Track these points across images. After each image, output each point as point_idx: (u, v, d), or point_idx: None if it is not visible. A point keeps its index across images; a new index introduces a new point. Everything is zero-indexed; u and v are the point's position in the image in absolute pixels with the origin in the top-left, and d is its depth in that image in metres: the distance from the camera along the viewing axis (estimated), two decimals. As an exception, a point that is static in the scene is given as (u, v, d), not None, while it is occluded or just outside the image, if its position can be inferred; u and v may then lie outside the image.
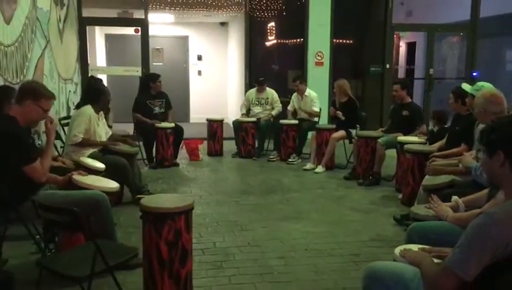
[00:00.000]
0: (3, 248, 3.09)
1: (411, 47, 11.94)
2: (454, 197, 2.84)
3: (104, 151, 4.76)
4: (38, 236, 3.28)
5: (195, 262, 3.19)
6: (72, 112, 6.10)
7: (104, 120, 5.00)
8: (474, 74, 9.24)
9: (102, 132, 4.86)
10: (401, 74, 11.97)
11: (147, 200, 2.94)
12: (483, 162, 1.86)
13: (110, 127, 6.49)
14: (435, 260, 1.94)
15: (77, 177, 3.35)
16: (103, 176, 3.90)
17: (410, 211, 3.05)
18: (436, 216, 2.70)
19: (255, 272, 3.40)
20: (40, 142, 4.03)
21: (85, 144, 4.56)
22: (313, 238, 4.07)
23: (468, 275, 1.65)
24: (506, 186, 1.79)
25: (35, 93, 3.14)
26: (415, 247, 2.23)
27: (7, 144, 2.92)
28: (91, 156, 4.47)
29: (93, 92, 4.85)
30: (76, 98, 7.67)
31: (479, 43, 9.28)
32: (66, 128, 5.78)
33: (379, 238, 4.06)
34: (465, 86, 4.19)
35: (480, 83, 3.92)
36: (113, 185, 3.53)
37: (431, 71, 9.30)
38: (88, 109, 4.66)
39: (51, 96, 3.26)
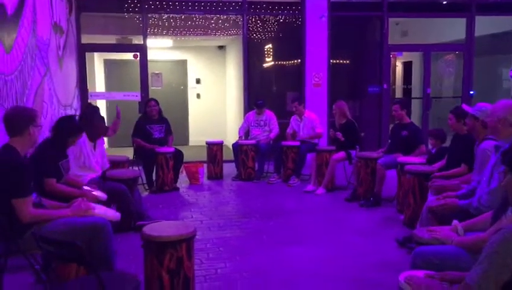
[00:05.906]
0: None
1: (407, 66, 12.04)
2: (455, 222, 2.83)
3: (104, 178, 4.74)
4: (37, 266, 3.24)
5: (197, 290, 3.16)
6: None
7: (101, 148, 4.98)
8: (471, 92, 9.29)
9: (96, 161, 4.82)
10: (398, 93, 12.03)
11: (149, 229, 2.92)
12: (508, 181, 1.90)
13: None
14: None
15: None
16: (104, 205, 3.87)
17: (413, 235, 3.02)
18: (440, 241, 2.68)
19: (258, 299, 3.37)
20: None
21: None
22: (316, 263, 4.03)
23: None
24: None
25: (32, 118, 3.13)
26: (420, 273, 2.20)
27: (7, 175, 2.90)
28: (90, 182, 4.45)
29: (83, 121, 4.86)
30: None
31: (474, 62, 9.36)
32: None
33: (383, 262, 4.02)
34: (466, 107, 4.21)
35: (480, 104, 3.93)
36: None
37: (428, 90, 9.34)
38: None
39: (37, 111, 3.29)
